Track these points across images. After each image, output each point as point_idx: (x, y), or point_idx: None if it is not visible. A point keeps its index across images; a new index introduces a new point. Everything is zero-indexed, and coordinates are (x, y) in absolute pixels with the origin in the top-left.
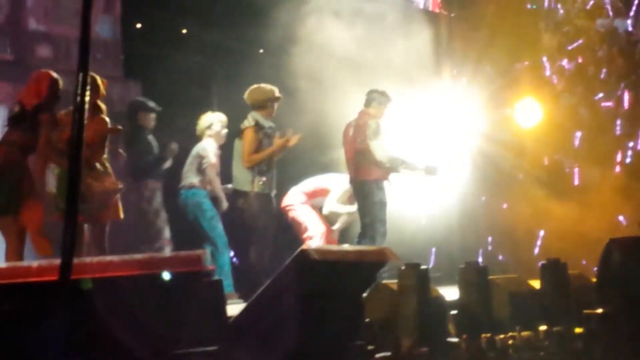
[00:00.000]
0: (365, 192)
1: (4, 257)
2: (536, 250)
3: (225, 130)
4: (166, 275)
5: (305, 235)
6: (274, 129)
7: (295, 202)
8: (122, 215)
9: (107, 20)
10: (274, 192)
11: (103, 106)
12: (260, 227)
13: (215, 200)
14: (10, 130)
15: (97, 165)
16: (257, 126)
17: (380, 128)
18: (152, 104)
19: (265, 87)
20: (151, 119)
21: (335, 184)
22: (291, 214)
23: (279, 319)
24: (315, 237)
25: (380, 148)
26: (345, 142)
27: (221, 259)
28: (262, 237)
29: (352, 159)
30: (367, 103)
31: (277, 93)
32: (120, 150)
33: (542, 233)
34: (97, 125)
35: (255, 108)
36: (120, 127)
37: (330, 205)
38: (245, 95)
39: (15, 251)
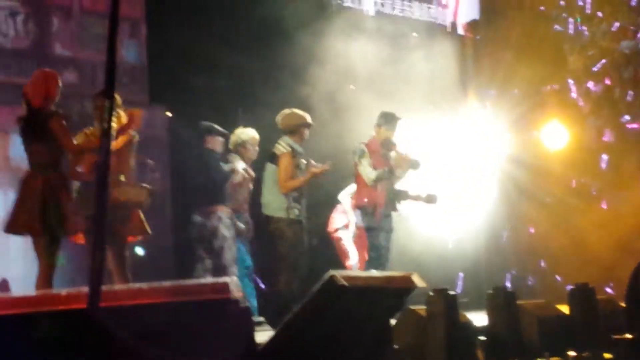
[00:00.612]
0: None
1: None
2: (564, 275)
3: (256, 148)
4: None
5: (347, 263)
6: (303, 155)
7: (340, 225)
8: (149, 231)
9: (133, 44)
10: (304, 218)
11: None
12: (292, 254)
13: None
14: (30, 147)
15: (121, 176)
16: (293, 152)
17: (365, 150)
18: (219, 127)
19: (298, 112)
20: (219, 143)
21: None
22: (337, 238)
23: (307, 345)
24: (354, 265)
25: (367, 169)
26: None
27: None
28: (292, 265)
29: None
30: (375, 127)
31: (309, 119)
32: (150, 161)
33: (569, 257)
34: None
35: (287, 133)
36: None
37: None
38: (278, 119)
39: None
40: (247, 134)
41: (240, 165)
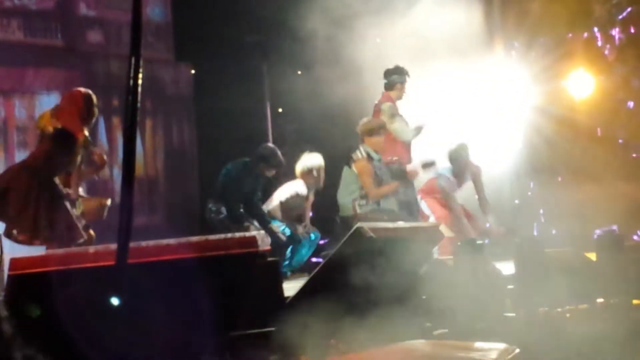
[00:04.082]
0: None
1: None
2: (591, 223)
3: (322, 175)
4: None
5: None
6: (380, 160)
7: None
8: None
9: (158, 3)
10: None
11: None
12: None
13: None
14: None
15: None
16: (369, 157)
17: (395, 109)
18: (278, 157)
19: (373, 119)
20: (272, 172)
21: None
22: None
23: (335, 296)
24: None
25: (403, 127)
26: None
27: None
28: None
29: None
30: (389, 86)
31: (385, 125)
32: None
33: (596, 205)
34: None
35: (365, 138)
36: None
37: None
38: (358, 126)
39: None
40: (314, 161)
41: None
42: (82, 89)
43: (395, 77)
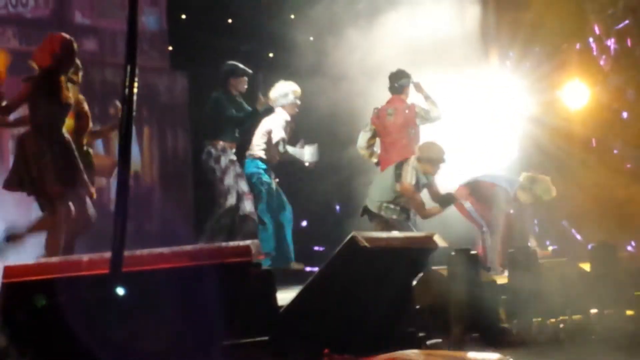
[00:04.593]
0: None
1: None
2: (585, 234)
3: (298, 102)
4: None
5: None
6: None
7: None
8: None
9: (153, 11)
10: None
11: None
12: None
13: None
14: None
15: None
16: (417, 183)
17: None
18: (242, 66)
19: (440, 147)
20: (244, 83)
21: None
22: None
23: (329, 305)
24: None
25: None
26: (388, 130)
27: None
28: None
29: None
30: (400, 89)
31: (445, 158)
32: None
33: (590, 216)
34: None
35: (421, 159)
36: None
37: None
38: (419, 147)
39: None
40: (289, 87)
41: (282, 120)
42: (63, 34)
43: (404, 80)
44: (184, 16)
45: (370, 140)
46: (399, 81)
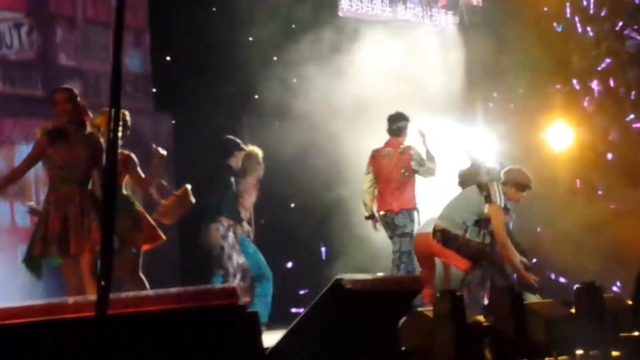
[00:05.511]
0: (409, 221)
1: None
2: (570, 275)
3: (262, 165)
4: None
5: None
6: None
7: None
8: (163, 237)
9: (137, 53)
10: None
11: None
12: None
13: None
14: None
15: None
16: (505, 208)
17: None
18: (232, 141)
19: (528, 174)
20: (238, 159)
21: None
22: None
23: (314, 349)
24: None
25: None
26: (383, 172)
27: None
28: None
29: (397, 188)
30: (399, 131)
31: (531, 185)
32: (164, 182)
33: (575, 257)
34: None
35: (506, 183)
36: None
37: None
38: (505, 171)
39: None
40: (257, 151)
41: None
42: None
43: (404, 123)
44: (168, 58)
45: (372, 182)
46: (397, 123)
